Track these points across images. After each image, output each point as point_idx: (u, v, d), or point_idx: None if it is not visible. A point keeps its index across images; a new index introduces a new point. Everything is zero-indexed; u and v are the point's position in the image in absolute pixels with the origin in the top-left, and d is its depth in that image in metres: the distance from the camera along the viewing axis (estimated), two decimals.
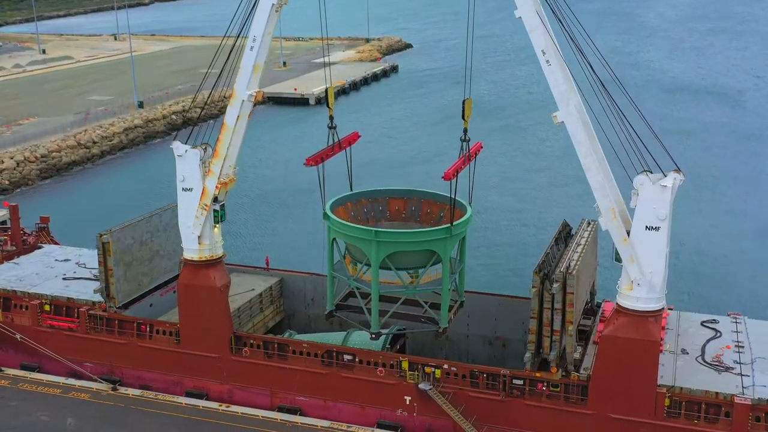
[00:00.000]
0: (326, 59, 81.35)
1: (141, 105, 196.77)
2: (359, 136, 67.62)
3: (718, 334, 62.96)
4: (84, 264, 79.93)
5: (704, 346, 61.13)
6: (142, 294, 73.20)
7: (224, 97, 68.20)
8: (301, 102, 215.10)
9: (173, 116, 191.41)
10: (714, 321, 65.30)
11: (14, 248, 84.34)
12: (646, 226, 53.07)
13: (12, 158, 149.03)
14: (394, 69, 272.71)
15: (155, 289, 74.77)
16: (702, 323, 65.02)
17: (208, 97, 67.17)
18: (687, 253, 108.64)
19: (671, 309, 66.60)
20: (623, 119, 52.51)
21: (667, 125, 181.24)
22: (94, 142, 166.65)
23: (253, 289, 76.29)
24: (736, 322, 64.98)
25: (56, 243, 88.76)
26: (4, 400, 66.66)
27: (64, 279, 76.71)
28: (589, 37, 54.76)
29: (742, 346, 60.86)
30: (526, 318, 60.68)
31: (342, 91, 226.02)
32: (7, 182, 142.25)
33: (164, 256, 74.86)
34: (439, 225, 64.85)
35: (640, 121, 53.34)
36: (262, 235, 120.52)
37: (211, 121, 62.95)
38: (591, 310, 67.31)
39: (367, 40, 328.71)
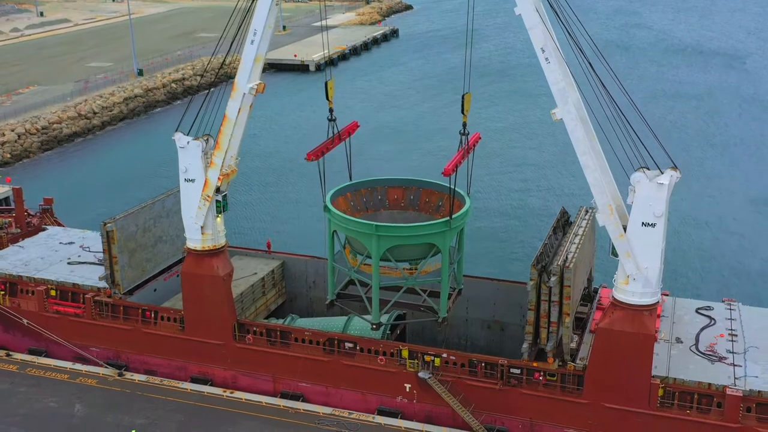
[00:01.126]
0: (326, 53, 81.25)
1: (141, 73, 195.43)
2: (358, 126, 68.01)
3: (713, 322, 63.77)
4: (88, 248, 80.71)
5: (698, 334, 61.94)
6: (146, 279, 74.31)
7: (225, 63, 68.20)
8: (301, 68, 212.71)
9: (173, 84, 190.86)
10: (709, 308, 66.03)
11: (18, 231, 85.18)
12: (643, 223, 53.61)
13: (13, 131, 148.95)
14: (394, 33, 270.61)
15: (159, 274, 75.86)
16: (697, 310, 65.76)
17: (216, 75, 66.81)
18: (684, 235, 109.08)
19: (667, 295, 67.47)
20: (621, 116, 52.79)
21: (666, 88, 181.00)
22: (95, 113, 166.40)
23: (255, 273, 77.44)
24: (730, 309, 65.78)
25: (60, 224, 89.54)
26: (13, 386, 68.03)
27: (69, 264, 77.63)
28: (588, 34, 54.88)
29: (736, 335, 61.75)
30: (523, 302, 61.62)
31: (342, 57, 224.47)
32: (8, 155, 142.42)
33: (167, 241, 75.73)
34: (437, 213, 65.69)
35: (639, 118, 53.69)
36: (263, 214, 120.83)
37: (213, 90, 62.62)
38: (588, 296, 68.38)
39: (367, 2, 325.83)
